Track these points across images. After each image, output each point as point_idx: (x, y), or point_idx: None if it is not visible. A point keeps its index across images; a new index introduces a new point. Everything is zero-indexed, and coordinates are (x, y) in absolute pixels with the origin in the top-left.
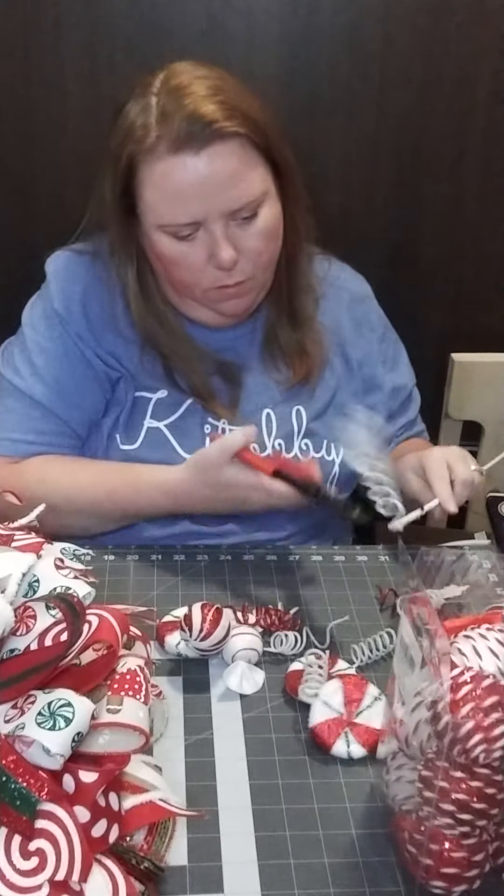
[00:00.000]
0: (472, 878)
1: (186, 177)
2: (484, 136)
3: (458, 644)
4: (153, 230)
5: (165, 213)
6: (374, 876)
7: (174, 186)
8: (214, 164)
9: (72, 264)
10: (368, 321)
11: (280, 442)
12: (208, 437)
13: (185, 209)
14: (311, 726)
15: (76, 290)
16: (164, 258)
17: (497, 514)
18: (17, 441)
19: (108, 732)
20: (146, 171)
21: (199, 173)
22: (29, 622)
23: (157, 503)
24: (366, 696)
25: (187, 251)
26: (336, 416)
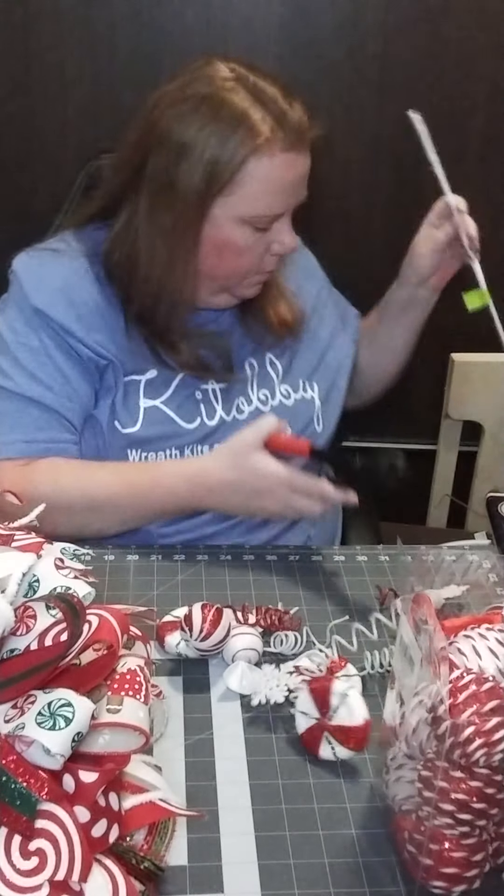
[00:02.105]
0: (472, 878)
1: (292, 173)
2: (484, 136)
3: (458, 644)
4: (232, 222)
5: (263, 205)
6: (374, 876)
7: (282, 181)
8: (308, 161)
9: (44, 261)
10: (307, 269)
11: (265, 393)
12: (201, 404)
13: (281, 202)
14: (299, 735)
15: (54, 284)
16: (233, 248)
17: (497, 514)
18: (18, 442)
19: (108, 732)
20: (255, 166)
21: (300, 171)
22: (29, 622)
23: (178, 493)
24: (332, 696)
25: (257, 241)
26: (306, 351)
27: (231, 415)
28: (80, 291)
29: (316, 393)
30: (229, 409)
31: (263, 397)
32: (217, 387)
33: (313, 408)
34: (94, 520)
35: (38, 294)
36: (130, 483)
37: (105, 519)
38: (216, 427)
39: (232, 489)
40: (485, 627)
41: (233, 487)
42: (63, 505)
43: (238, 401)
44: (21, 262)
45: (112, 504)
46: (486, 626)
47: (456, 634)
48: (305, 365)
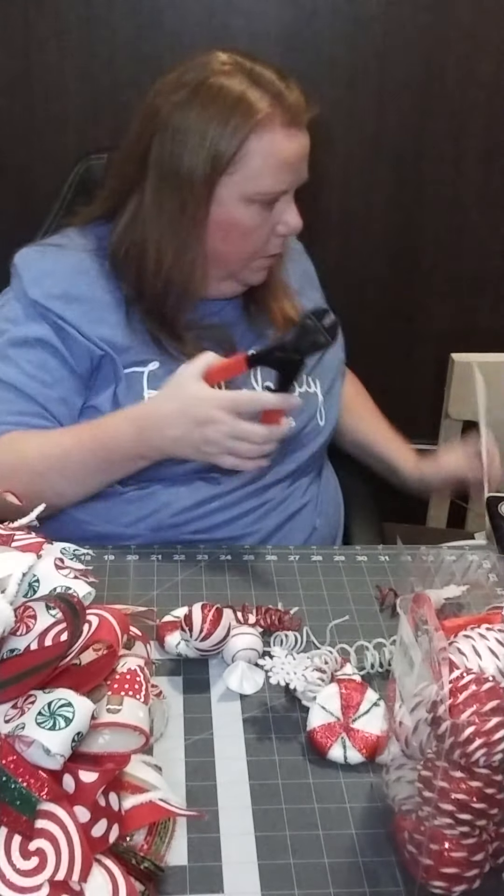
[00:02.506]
0: (472, 878)
1: (293, 149)
2: (484, 136)
3: (458, 644)
4: (238, 200)
5: (267, 181)
6: (374, 876)
7: (284, 156)
8: (306, 139)
9: (45, 255)
10: (308, 274)
11: (269, 385)
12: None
13: (285, 178)
14: (308, 730)
15: (56, 278)
16: (239, 227)
17: (497, 514)
18: None
19: (108, 732)
20: (256, 143)
21: (300, 147)
22: (29, 622)
23: (122, 432)
24: (364, 700)
25: (263, 220)
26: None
27: None
28: (80, 285)
29: (318, 388)
30: None
31: (267, 389)
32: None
33: (317, 402)
34: (53, 478)
35: (37, 286)
36: (81, 436)
37: (62, 475)
38: None
39: (173, 421)
40: (485, 627)
41: (174, 419)
42: (23, 468)
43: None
44: (22, 256)
45: (66, 458)
46: (486, 626)
47: (456, 634)
48: (307, 361)
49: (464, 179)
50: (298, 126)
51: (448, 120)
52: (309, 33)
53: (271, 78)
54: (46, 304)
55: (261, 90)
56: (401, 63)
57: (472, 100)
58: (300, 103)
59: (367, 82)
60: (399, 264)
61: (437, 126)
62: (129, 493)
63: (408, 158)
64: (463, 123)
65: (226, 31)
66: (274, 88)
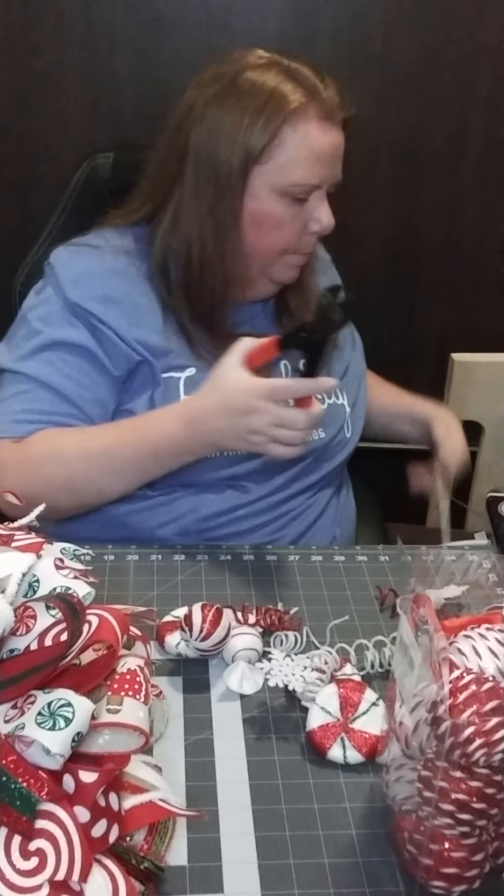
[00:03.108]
0: (472, 878)
1: (326, 142)
2: (484, 136)
3: (458, 644)
4: (270, 192)
5: (300, 173)
6: (374, 876)
7: (318, 149)
8: (341, 137)
9: (82, 255)
10: (331, 279)
11: (299, 367)
12: None
13: (318, 171)
14: (307, 731)
15: (94, 280)
16: (273, 219)
17: (497, 514)
18: (22, 421)
19: (108, 732)
20: (291, 133)
21: (334, 141)
22: (29, 622)
23: (169, 427)
24: (363, 700)
25: (295, 215)
26: (336, 361)
27: None
28: (118, 287)
29: (346, 400)
30: None
31: (297, 373)
32: None
33: (344, 414)
34: (94, 475)
35: (76, 287)
36: (124, 432)
37: (104, 472)
38: None
39: (217, 414)
40: (485, 627)
41: (218, 412)
42: (60, 463)
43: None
44: (58, 256)
45: (108, 454)
46: (486, 626)
47: (456, 634)
48: (334, 374)
49: (464, 179)
50: (333, 121)
51: (448, 120)
52: (309, 33)
53: (307, 73)
54: (86, 305)
55: (295, 83)
56: (401, 63)
57: (472, 99)
58: (335, 99)
59: (367, 82)
60: (399, 264)
61: (437, 126)
62: (157, 497)
63: (408, 158)
64: (463, 123)
65: (226, 30)
66: (309, 83)
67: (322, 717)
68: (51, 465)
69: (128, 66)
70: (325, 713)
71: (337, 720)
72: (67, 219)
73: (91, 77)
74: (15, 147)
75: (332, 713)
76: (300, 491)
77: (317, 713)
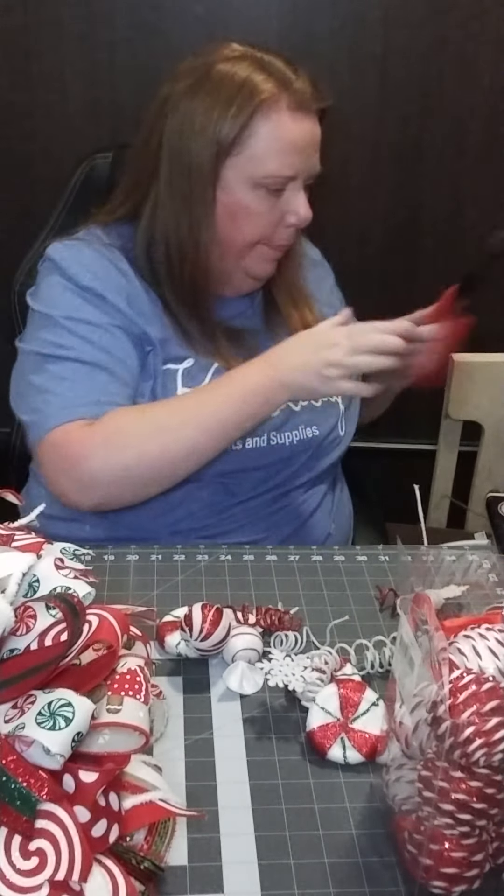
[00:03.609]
0: (472, 878)
1: (299, 133)
2: (484, 135)
3: (458, 644)
4: (244, 184)
5: (272, 165)
6: (374, 876)
7: (290, 139)
8: (316, 128)
9: (81, 248)
10: (329, 282)
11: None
12: None
13: (292, 162)
14: (307, 731)
15: (98, 267)
16: (247, 211)
17: (497, 514)
18: (89, 404)
19: (108, 732)
20: (263, 123)
21: (310, 133)
22: (29, 622)
23: (253, 371)
24: (363, 700)
25: (271, 206)
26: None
27: None
28: (119, 278)
29: (339, 399)
30: None
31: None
32: None
33: (338, 412)
34: (185, 431)
35: (87, 273)
36: (211, 387)
37: (194, 425)
38: None
39: (296, 349)
40: (485, 627)
41: (297, 347)
42: (151, 427)
43: None
44: (57, 251)
45: (197, 404)
46: (486, 626)
47: (456, 634)
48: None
49: (463, 179)
50: (306, 112)
51: (448, 120)
52: (309, 33)
53: (279, 65)
54: (100, 290)
55: (266, 74)
56: (401, 63)
57: (472, 100)
58: (308, 90)
59: (367, 82)
60: (399, 264)
61: (437, 126)
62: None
63: (408, 158)
64: (463, 123)
65: (225, 30)
66: (280, 73)
67: (322, 717)
68: (143, 431)
69: (128, 66)
70: (325, 713)
71: (337, 720)
72: (66, 218)
73: (91, 77)
74: (15, 147)
75: (332, 713)
76: (293, 488)
77: (317, 713)
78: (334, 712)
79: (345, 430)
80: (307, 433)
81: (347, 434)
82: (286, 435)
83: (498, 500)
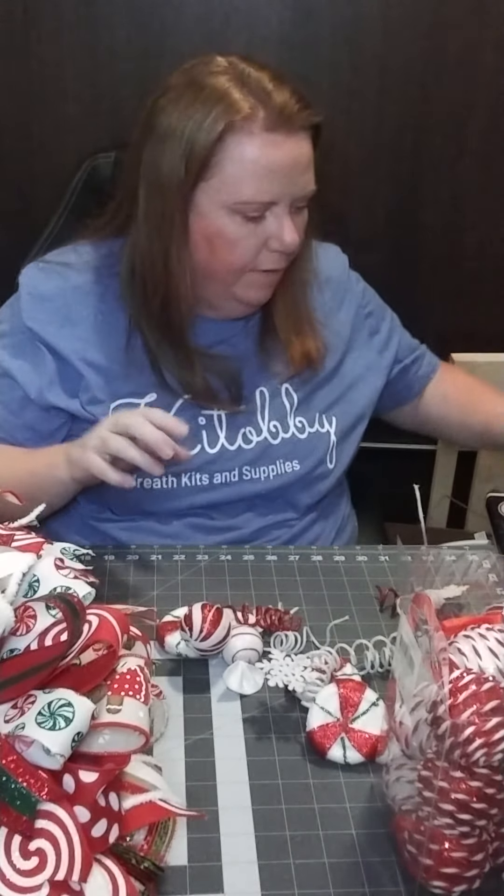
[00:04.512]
0: (472, 878)
1: (277, 156)
2: (484, 136)
3: (458, 644)
4: (218, 209)
5: (247, 190)
6: (374, 876)
7: (265, 163)
8: (301, 148)
9: (49, 276)
10: (345, 294)
11: (276, 424)
12: (203, 430)
13: (268, 187)
14: (307, 731)
15: (53, 303)
16: (223, 238)
17: (497, 514)
18: None
19: (108, 732)
20: (234, 146)
21: (289, 155)
22: (29, 622)
23: (55, 453)
24: (363, 700)
25: (250, 233)
26: (328, 385)
27: (236, 443)
28: (79, 308)
29: (332, 428)
30: (234, 438)
31: (274, 429)
32: (222, 412)
33: (328, 444)
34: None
35: (35, 309)
36: (24, 457)
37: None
38: (217, 455)
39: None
40: (485, 627)
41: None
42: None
43: (245, 430)
44: (27, 275)
45: (10, 460)
46: (486, 626)
47: (456, 634)
48: (324, 399)
49: (464, 179)
50: (287, 131)
51: (448, 120)
52: (308, 34)
53: (260, 79)
54: (38, 329)
55: (244, 90)
56: (401, 63)
57: (472, 100)
58: (289, 107)
59: (367, 82)
60: (399, 264)
61: (437, 126)
62: (121, 522)
63: (408, 158)
64: (463, 123)
65: (225, 30)
66: (260, 89)
67: (322, 717)
68: None
69: (128, 66)
70: (325, 713)
71: (337, 720)
72: (69, 219)
73: (91, 77)
74: (15, 147)
75: (332, 713)
76: (276, 523)
77: (317, 713)
78: (334, 712)
79: (335, 463)
80: (286, 468)
81: (338, 468)
82: (261, 469)
83: (498, 500)
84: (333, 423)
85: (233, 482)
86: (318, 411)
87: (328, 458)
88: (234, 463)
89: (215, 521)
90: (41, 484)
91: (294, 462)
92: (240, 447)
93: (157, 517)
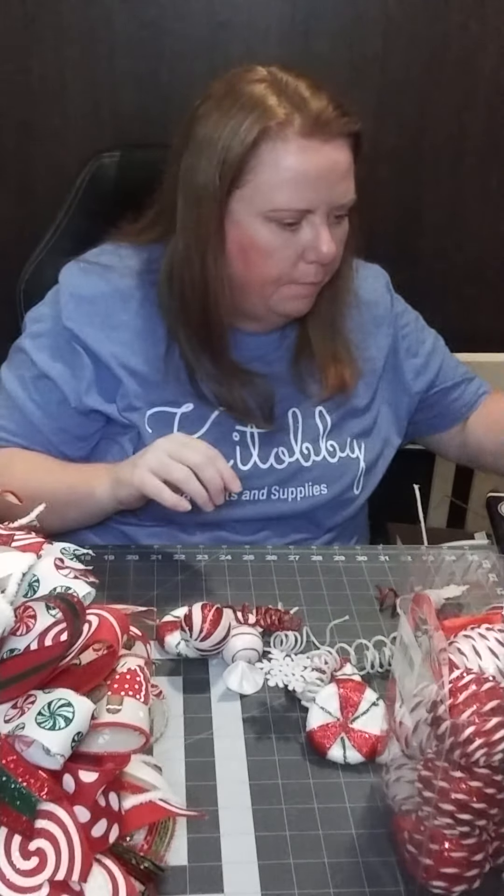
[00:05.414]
0: (472, 878)
1: (313, 162)
2: (484, 136)
3: (458, 644)
4: (254, 217)
5: (282, 197)
6: (374, 876)
7: (301, 169)
8: (338, 155)
9: (90, 277)
10: (385, 316)
11: (308, 446)
12: (237, 446)
13: (304, 195)
14: (307, 731)
15: (95, 305)
16: (258, 247)
17: (497, 514)
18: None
19: (108, 732)
20: (269, 152)
21: (325, 161)
22: (29, 622)
23: (97, 468)
24: (363, 700)
25: (285, 242)
26: (361, 412)
27: (268, 462)
28: (120, 313)
29: (362, 455)
30: (266, 457)
31: (307, 450)
32: (256, 431)
33: (357, 470)
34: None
35: (76, 311)
36: (66, 471)
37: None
38: (249, 473)
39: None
40: (485, 627)
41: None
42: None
43: (278, 449)
44: (68, 273)
45: (45, 491)
46: (486, 626)
47: (456, 634)
48: (356, 425)
49: (463, 179)
50: (323, 138)
51: (448, 120)
52: (309, 34)
53: (298, 86)
54: (79, 331)
55: (281, 97)
56: (401, 63)
57: (472, 99)
58: (326, 113)
59: (367, 82)
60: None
61: (437, 126)
62: (149, 527)
63: (408, 158)
64: (463, 123)
65: (226, 30)
66: (297, 95)
67: (322, 717)
68: (4, 479)
69: (128, 66)
70: (325, 713)
71: (337, 720)
72: (72, 219)
73: (91, 77)
74: (15, 148)
75: (332, 713)
76: (295, 541)
77: (317, 713)
78: (334, 712)
79: (362, 489)
80: (314, 490)
81: (363, 494)
82: (290, 490)
83: (498, 500)
84: (363, 449)
85: (260, 500)
86: (350, 436)
87: (356, 485)
88: (264, 482)
89: (238, 536)
90: (79, 501)
91: (322, 486)
92: (272, 466)
93: (181, 526)
